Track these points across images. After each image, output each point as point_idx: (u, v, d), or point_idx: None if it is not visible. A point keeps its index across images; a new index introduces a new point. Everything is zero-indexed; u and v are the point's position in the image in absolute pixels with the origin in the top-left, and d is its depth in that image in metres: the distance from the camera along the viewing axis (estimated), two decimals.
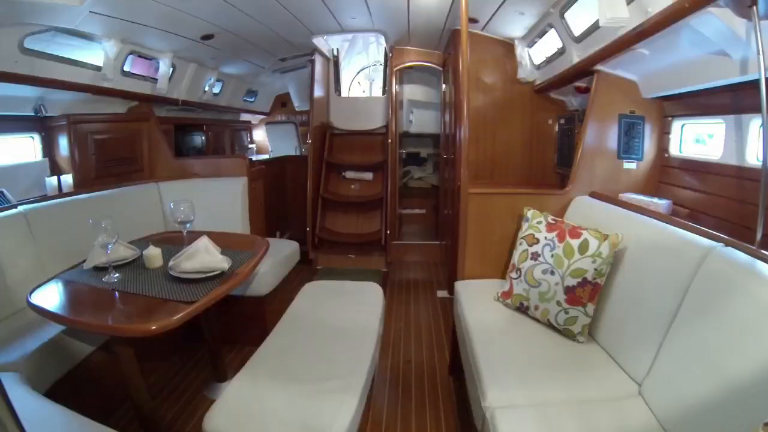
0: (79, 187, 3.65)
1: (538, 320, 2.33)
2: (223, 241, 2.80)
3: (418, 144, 7.09)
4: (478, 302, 2.59)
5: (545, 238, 2.34)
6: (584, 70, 3.08)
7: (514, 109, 4.29)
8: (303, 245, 5.21)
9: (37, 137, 3.74)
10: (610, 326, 2.11)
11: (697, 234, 1.78)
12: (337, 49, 6.21)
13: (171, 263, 2.28)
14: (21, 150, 3.67)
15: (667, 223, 2.01)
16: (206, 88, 5.39)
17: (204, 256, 2.27)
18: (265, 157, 7.10)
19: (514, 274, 2.45)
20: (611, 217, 2.41)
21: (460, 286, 2.87)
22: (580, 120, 3.68)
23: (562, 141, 4.11)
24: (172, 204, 2.62)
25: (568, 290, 2.15)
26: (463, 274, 3.00)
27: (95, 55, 3.61)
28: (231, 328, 3.55)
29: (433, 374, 3.22)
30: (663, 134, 3.05)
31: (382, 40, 5.36)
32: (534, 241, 2.39)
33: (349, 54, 6.63)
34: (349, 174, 5.94)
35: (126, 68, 3.98)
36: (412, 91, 6.71)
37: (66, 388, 2.30)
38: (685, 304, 1.62)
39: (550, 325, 2.27)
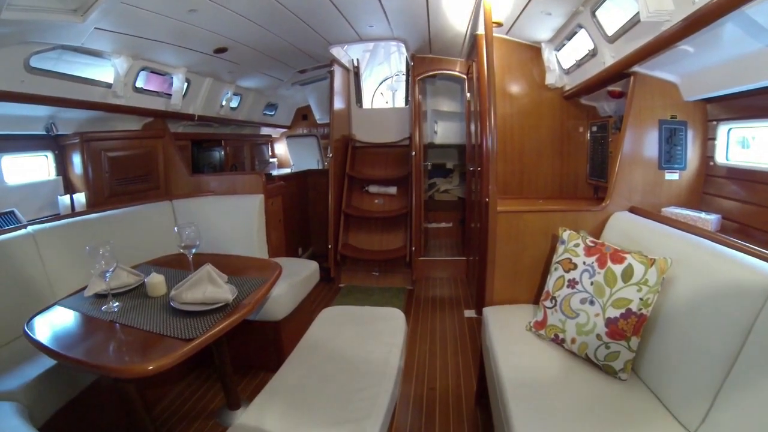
0: (93, 205, 3.60)
1: (575, 354, 2.07)
2: (232, 265, 2.69)
3: (444, 155, 6.87)
4: (508, 332, 2.35)
5: (584, 263, 2.09)
6: (619, 73, 2.82)
7: (542, 117, 4.03)
8: (325, 262, 5.11)
9: (50, 155, 3.71)
10: (657, 363, 1.84)
11: (762, 260, 1.51)
12: (357, 60, 6.08)
13: (172, 293, 2.12)
14: (35, 169, 3.63)
15: (722, 244, 1.75)
16: (223, 103, 5.28)
17: (207, 287, 2.10)
18: (287, 171, 7.00)
19: (548, 303, 2.21)
20: (655, 236, 2.16)
21: (488, 312, 2.63)
22: (614, 127, 3.42)
23: (594, 150, 3.84)
24: (176, 228, 2.45)
25: (609, 322, 1.90)
26: (491, 298, 2.76)
27: (106, 72, 3.53)
28: (245, 353, 3.40)
29: (458, 404, 2.98)
30: (707, 140, 2.76)
31: (403, 48, 5.17)
32: (571, 266, 2.14)
33: (371, 64, 6.54)
34: (373, 188, 5.76)
35: (138, 84, 3.90)
36: (436, 101, 6.49)
37: (67, 419, 2.21)
38: (748, 345, 1.37)
39: (588, 360, 2.01)
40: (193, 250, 2.48)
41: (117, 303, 2.16)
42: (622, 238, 2.33)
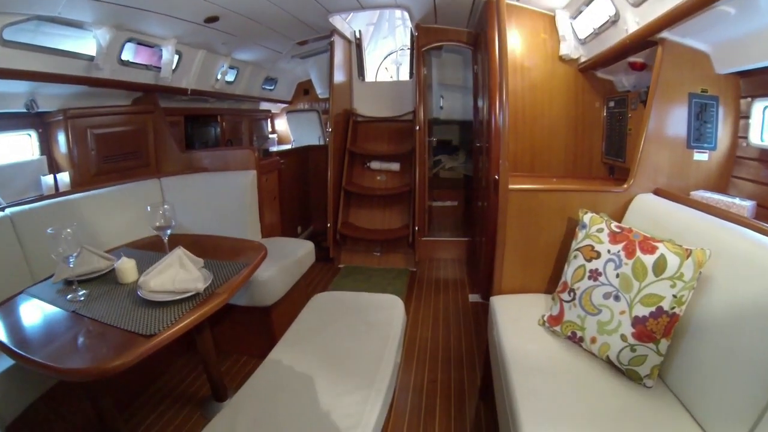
0: (78, 185, 3.38)
1: (594, 356, 1.85)
2: (213, 247, 2.54)
3: (450, 131, 6.63)
4: (518, 327, 2.12)
5: (608, 251, 1.84)
6: (644, 41, 2.54)
7: (555, 92, 3.73)
8: (325, 241, 4.98)
9: (34, 134, 3.47)
10: (689, 371, 1.61)
11: None
12: (360, 31, 5.78)
13: (140, 280, 1.91)
14: (18, 148, 3.42)
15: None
16: (219, 76, 5.01)
17: (177, 273, 1.89)
18: (287, 147, 6.77)
19: (566, 296, 1.97)
20: (686, 222, 1.92)
21: (496, 302, 2.41)
22: (635, 103, 3.15)
23: (611, 127, 3.57)
24: (149, 207, 2.23)
25: (636, 321, 1.68)
26: (500, 287, 2.53)
27: (88, 44, 3.29)
28: (235, 338, 3.25)
29: (461, 398, 2.79)
30: (738, 118, 2.50)
31: (407, 18, 4.88)
32: (593, 255, 1.89)
33: (375, 38, 6.27)
34: (374, 164, 5.52)
35: (125, 57, 3.65)
36: (442, 75, 6.21)
37: (37, 415, 2.07)
38: None
39: (609, 363, 1.79)
40: (168, 232, 2.28)
41: (83, 291, 1.98)
42: (648, 224, 2.09)
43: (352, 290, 4.26)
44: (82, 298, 1.93)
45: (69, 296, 1.94)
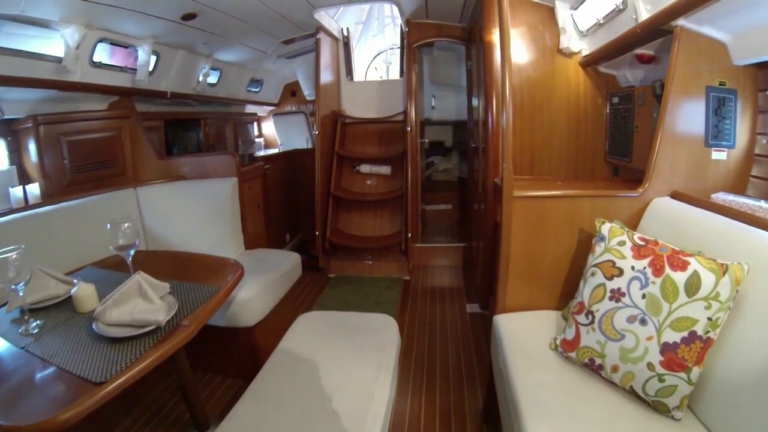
0: (50, 196, 3.17)
1: (615, 385, 1.63)
2: (184, 266, 2.33)
3: (442, 132, 6.43)
4: (527, 352, 1.89)
5: (632, 268, 1.61)
6: (655, 30, 2.32)
7: (555, 88, 3.50)
8: (314, 249, 4.77)
9: (2, 143, 3.24)
10: (723, 400, 1.42)
11: None
12: (348, 29, 5.55)
13: (96, 310, 1.65)
14: None
15: None
16: (200, 78, 4.77)
17: (136, 303, 1.64)
18: (274, 151, 6.55)
19: (582, 318, 1.73)
20: (710, 230, 1.72)
21: (501, 322, 2.17)
22: (642, 98, 2.93)
23: (615, 124, 3.35)
24: (109, 225, 1.96)
25: (666, 349, 1.46)
26: (504, 304, 2.29)
27: (56, 45, 3.07)
28: (216, 358, 3.02)
29: (461, 421, 2.56)
30: (757, 113, 2.30)
31: (397, 12, 4.66)
32: (615, 272, 1.65)
33: (364, 36, 6.07)
34: (364, 168, 5.27)
35: (98, 59, 3.43)
36: (434, 73, 6.01)
37: None
38: None
39: (632, 393, 1.57)
40: (132, 252, 1.99)
41: (37, 322, 1.73)
42: (668, 232, 1.87)
43: (342, 301, 4.08)
44: (35, 331, 1.69)
45: (21, 328, 1.70)
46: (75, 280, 1.97)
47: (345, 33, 5.54)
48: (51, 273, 2.02)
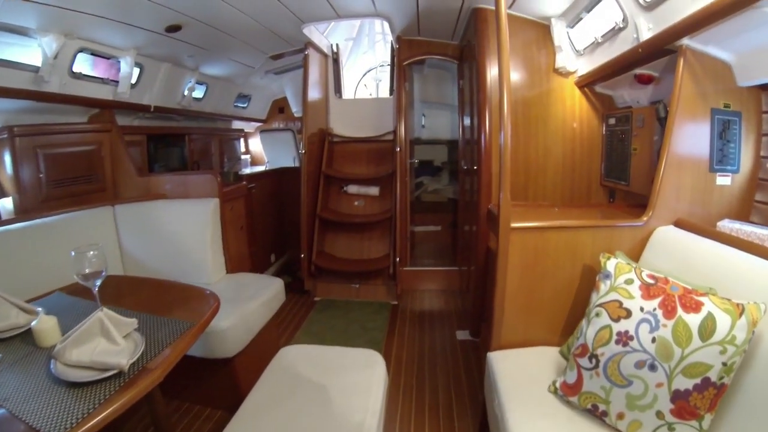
0: (24, 212, 3.02)
1: None
2: (157, 294, 2.16)
3: (432, 151, 6.30)
4: (525, 395, 1.73)
5: (641, 309, 1.47)
6: (659, 49, 2.22)
7: (551, 108, 3.39)
8: (300, 270, 4.64)
9: None
10: None
11: None
12: (337, 45, 5.46)
13: (56, 348, 1.46)
14: None
15: None
16: (185, 92, 4.66)
17: (98, 343, 1.47)
18: (261, 168, 6.41)
19: (585, 362, 1.58)
20: (719, 263, 1.61)
21: (496, 360, 2.02)
22: (640, 120, 2.83)
23: (611, 146, 3.25)
24: (73, 252, 1.77)
25: (677, 396, 1.33)
26: (499, 341, 2.14)
27: (34, 53, 2.94)
28: (194, 388, 2.82)
29: None
30: (761, 136, 2.21)
31: (387, 28, 4.55)
32: (622, 313, 1.51)
33: (354, 53, 5.96)
34: (352, 189, 5.12)
35: (78, 69, 3.31)
36: (424, 91, 5.89)
37: None
38: None
39: None
40: (98, 282, 1.77)
41: None
42: (674, 264, 1.76)
43: (328, 326, 3.95)
44: None
45: None
46: (39, 309, 1.80)
47: (334, 49, 5.44)
48: (12, 300, 1.83)
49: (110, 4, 2.87)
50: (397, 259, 4.47)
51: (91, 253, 1.70)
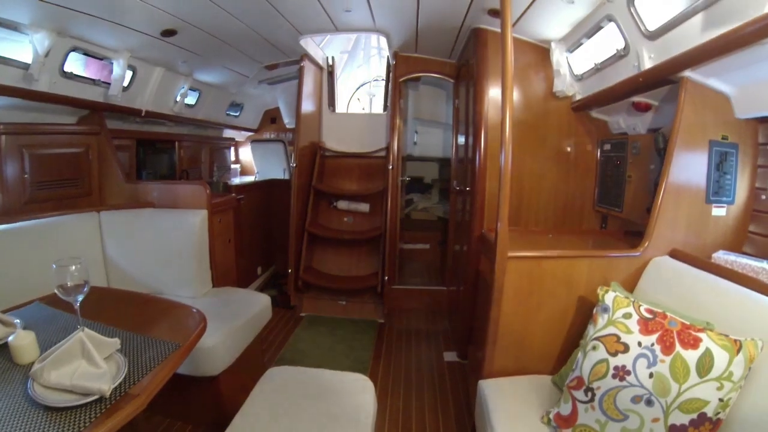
0: (6, 214, 2.93)
1: None
2: (141, 311, 2.07)
3: (423, 168, 6.28)
4: (518, 426, 1.70)
5: (639, 344, 1.45)
6: (659, 79, 2.22)
7: (547, 131, 3.39)
8: (287, 284, 4.56)
9: None
10: None
11: None
12: (333, 58, 5.43)
13: (34, 368, 1.38)
14: None
15: None
16: (178, 98, 4.60)
17: (78, 365, 1.40)
18: (250, 179, 6.33)
19: (581, 395, 1.55)
20: (713, 296, 1.62)
21: (488, 389, 1.98)
22: (636, 147, 2.83)
23: (605, 172, 3.24)
24: (55, 265, 1.67)
25: (673, 431, 1.30)
26: (491, 369, 2.11)
27: (24, 49, 2.87)
28: (179, 404, 2.72)
29: None
30: (756, 168, 2.23)
31: (384, 44, 4.54)
32: (619, 348, 1.49)
33: (349, 66, 5.94)
34: (342, 204, 5.08)
35: (70, 69, 3.24)
36: (418, 108, 5.86)
37: None
38: None
39: None
40: (80, 297, 1.64)
41: None
42: (669, 296, 1.75)
43: (314, 344, 3.89)
44: None
45: None
46: (16, 321, 1.72)
47: (330, 62, 5.42)
48: None
49: (106, 5, 2.83)
50: (386, 277, 4.42)
51: (74, 267, 1.60)
